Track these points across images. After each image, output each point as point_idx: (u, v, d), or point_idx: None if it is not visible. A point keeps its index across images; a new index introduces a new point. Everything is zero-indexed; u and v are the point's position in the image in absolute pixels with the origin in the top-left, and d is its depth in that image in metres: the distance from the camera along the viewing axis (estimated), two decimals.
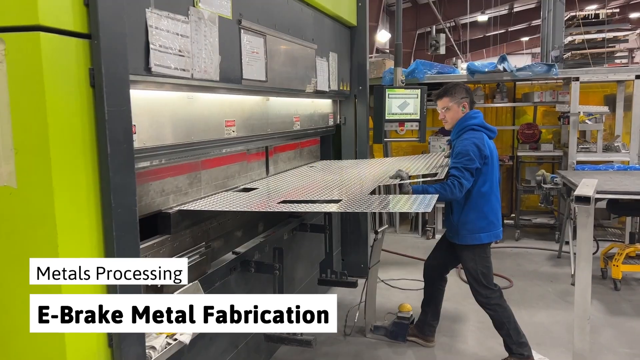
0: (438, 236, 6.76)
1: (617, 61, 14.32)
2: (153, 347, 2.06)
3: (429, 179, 3.58)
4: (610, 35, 12.23)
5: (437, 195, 2.77)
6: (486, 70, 6.10)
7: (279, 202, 2.68)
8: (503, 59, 6.22)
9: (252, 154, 3.52)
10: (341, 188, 3.19)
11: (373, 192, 2.97)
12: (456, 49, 21.68)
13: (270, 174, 3.77)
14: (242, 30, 2.89)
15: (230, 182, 3.23)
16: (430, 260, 3.77)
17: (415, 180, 3.40)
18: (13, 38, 1.56)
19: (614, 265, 4.82)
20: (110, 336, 1.82)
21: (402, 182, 3.21)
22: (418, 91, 5.32)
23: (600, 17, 12.01)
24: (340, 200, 2.69)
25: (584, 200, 2.85)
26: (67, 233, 1.66)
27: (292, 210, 2.57)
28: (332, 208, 2.61)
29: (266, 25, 3.17)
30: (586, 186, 3.06)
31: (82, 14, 1.67)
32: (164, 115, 2.50)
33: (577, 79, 5.96)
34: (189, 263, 2.51)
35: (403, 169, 3.31)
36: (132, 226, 1.88)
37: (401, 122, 5.33)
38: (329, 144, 5.00)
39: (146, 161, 2.35)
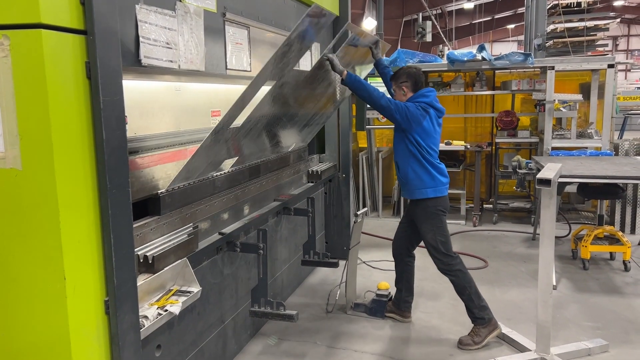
0: None
1: (600, 49, 14.60)
2: (146, 317, 2.26)
3: None
4: (592, 23, 12.47)
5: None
6: (465, 59, 6.29)
7: None
8: (482, 48, 6.42)
9: None
10: None
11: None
12: (442, 36, 21.87)
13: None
14: (226, 23, 3.05)
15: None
16: (396, 238, 4.01)
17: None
18: (17, 35, 1.73)
19: (582, 246, 5.08)
20: (107, 304, 2.01)
21: (333, 60, 3.41)
22: None
23: (582, 6, 12.24)
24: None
25: (545, 182, 3.07)
26: (68, 212, 1.84)
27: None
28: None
29: (250, 17, 3.33)
30: (549, 170, 3.28)
31: (78, 12, 1.83)
32: (153, 106, 2.66)
33: (552, 67, 6.18)
34: (177, 242, 2.71)
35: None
36: (126, 206, 2.06)
37: None
38: None
39: (137, 150, 2.52)
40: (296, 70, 3.13)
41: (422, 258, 5.44)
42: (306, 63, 4.34)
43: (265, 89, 3.70)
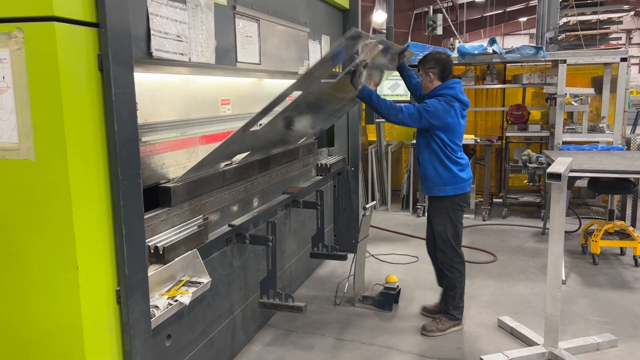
0: None
1: (613, 42, 14.44)
2: (156, 306, 2.29)
3: None
4: (605, 16, 12.32)
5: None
6: (476, 52, 6.26)
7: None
8: (493, 42, 6.38)
9: None
10: None
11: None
12: (453, 29, 21.68)
13: None
14: (236, 16, 3.06)
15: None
16: (427, 237, 3.94)
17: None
18: (31, 28, 1.75)
19: (592, 240, 5.06)
20: (119, 294, 2.04)
21: (355, 69, 3.29)
22: None
23: None
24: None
25: (556, 177, 3.06)
26: (80, 202, 1.87)
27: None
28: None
29: (260, 10, 3.34)
30: (559, 164, 3.27)
31: (91, 5, 1.85)
32: (164, 94, 2.68)
33: (564, 61, 6.13)
34: (188, 233, 2.74)
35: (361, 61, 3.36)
36: (137, 197, 2.08)
37: None
38: None
39: (147, 136, 2.54)
40: (324, 82, 3.11)
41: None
42: (316, 57, 4.35)
43: (280, 82, 3.71)
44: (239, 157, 3.37)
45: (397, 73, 4.53)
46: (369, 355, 3.43)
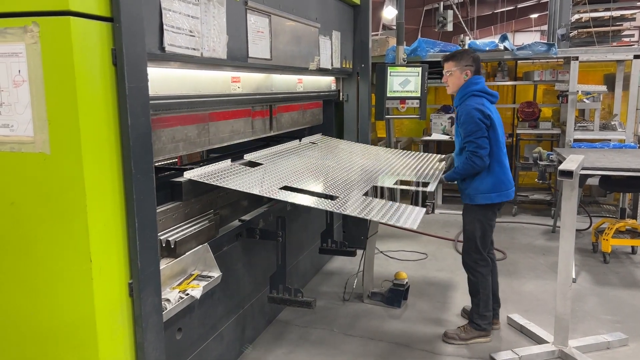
0: (438, 211, 6.97)
1: (626, 39, 14.27)
2: (168, 300, 2.31)
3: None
4: (618, 13, 12.19)
5: (423, 210, 3.05)
6: (487, 49, 6.22)
7: (280, 188, 2.93)
8: (504, 38, 6.34)
9: (256, 111, 3.69)
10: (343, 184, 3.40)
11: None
12: (464, 25, 21.53)
13: (273, 131, 3.97)
14: (248, 11, 3.07)
15: (236, 136, 3.41)
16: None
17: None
18: (46, 22, 1.76)
19: (603, 239, 5.02)
20: (131, 287, 2.06)
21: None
22: (419, 69, 5.47)
23: None
24: (337, 197, 3.00)
25: (567, 174, 3.05)
26: (94, 195, 1.88)
27: (290, 201, 2.82)
28: (327, 206, 2.83)
29: (271, 5, 3.34)
30: (571, 161, 3.25)
31: (105, 0, 1.86)
32: (175, 73, 2.68)
33: (576, 58, 6.08)
34: (199, 228, 2.75)
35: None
36: (150, 191, 2.10)
37: (402, 99, 5.49)
38: (332, 117, 5.17)
39: (158, 108, 2.53)
40: None
41: (440, 248, 5.45)
42: (326, 52, 4.34)
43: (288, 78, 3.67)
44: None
45: (404, 69, 4.53)
46: (377, 351, 3.44)
